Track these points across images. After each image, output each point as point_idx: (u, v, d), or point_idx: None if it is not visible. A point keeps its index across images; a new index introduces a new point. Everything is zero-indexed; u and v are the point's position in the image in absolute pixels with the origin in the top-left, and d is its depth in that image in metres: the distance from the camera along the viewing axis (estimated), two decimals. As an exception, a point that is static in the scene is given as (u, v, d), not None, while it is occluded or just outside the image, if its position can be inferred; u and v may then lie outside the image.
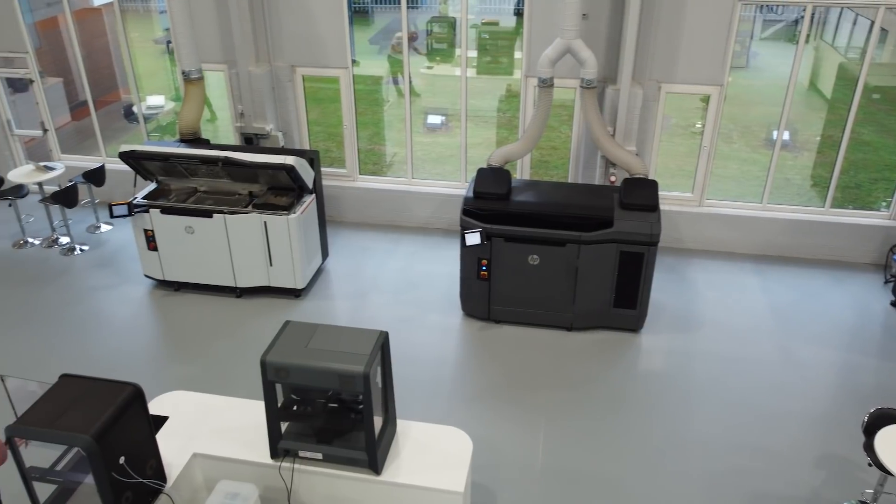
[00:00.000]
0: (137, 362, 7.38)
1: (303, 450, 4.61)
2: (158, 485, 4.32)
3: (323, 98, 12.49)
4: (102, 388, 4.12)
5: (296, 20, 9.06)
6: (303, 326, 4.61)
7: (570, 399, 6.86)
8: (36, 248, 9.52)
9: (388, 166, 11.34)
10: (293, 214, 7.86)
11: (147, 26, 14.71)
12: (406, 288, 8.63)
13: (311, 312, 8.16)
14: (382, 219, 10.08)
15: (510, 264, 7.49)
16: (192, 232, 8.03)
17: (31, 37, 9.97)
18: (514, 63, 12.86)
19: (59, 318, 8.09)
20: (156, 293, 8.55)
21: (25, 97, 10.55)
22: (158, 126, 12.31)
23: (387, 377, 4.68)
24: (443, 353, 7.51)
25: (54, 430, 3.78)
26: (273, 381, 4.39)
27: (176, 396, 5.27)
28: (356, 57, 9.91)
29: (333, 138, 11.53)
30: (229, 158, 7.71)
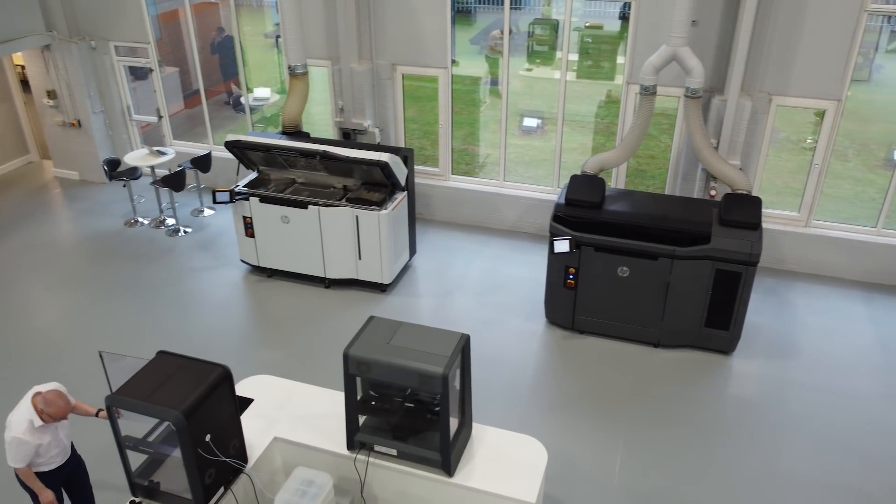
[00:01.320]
0: (228, 343, 7.69)
1: (378, 444, 4.66)
2: (240, 465, 4.47)
3: (421, 96, 12.62)
4: (195, 367, 4.31)
5: (399, 19, 9.18)
6: (386, 323, 4.66)
7: (652, 418, 6.63)
8: (145, 227, 10.10)
9: (481, 167, 11.32)
10: (384, 210, 7.97)
11: (259, 20, 15.30)
12: (490, 290, 8.60)
13: (395, 308, 8.26)
14: (471, 219, 10.09)
15: (599, 275, 7.32)
16: (287, 221, 8.29)
17: (153, 28, 10.57)
18: (616, 68, 12.55)
19: (160, 294, 8.55)
20: (250, 278, 8.89)
21: (145, 85, 11.20)
22: (263, 117, 12.79)
23: (465, 380, 4.67)
24: (523, 360, 7.42)
25: (148, 404, 3.98)
26: (354, 374, 4.46)
27: (261, 380, 5.45)
28: (456, 57, 9.94)
29: (428, 137, 11.62)
30: (327, 152, 7.90)
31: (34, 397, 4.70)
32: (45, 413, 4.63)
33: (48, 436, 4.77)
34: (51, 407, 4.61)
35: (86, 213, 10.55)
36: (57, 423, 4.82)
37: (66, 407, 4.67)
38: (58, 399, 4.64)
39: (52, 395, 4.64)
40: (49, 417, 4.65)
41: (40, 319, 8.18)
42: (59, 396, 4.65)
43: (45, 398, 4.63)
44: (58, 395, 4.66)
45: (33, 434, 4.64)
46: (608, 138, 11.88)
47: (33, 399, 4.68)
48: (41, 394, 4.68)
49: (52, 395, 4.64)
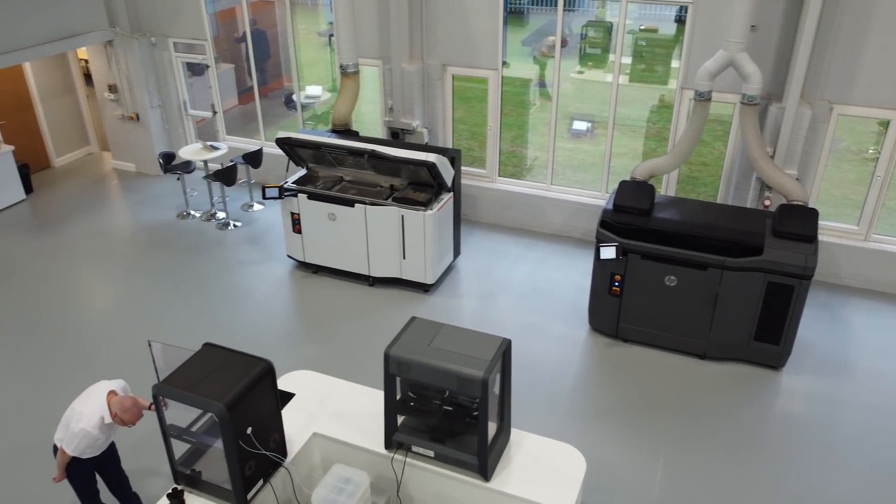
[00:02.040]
0: (272, 337, 7.81)
1: (416, 445, 4.66)
2: (279, 458, 4.53)
3: (470, 97, 12.60)
4: (239, 360, 4.38)
5: (451, 20, 9.19)
6: (428, 324, 4.66)
7: (696, 431, 6.48)
8: (196, 220, 10.34)
9: (528, 170, 11.25)
10: (430, 211, 7.99)
11: (313, 19, 15.51)
12: (533, 294, 8.53)
13: (437, 308, 8.26)
14: (517, 222, 10.03)
15: (645, 283, 7.19)
16: (334, 219, 8.38)
17: (210, 25, 10.81)
18: (671, 73, 12.32)
19: (208, 287, 8.73)
20: (296, 273, 9.01)
21: (201, 81, 11.47)
22: (314, 115, 12.96)
23: (505, 385, 4.63)
24: (564, 366, 7.34)
25: (193, 395, 4.06)
26: (394, 374, 4.47)
27: (303, 375, 5.51)
28: (507, 58, 9.90)
29: (476, 138, 11.60)
30: (375, 152, 7.95)
31: (109, 395, 4.86)
32: (118, 417, 4.80)
33: (108, 433, 4.96)
34: (127, 414, 4.79)
35: (141, 204, 10.86)
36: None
37: (139, 415, 4.84)
38: (134, 408, 4.82)
39: (130, 402, 4.82)
40: (121, 422, 4.82)
41: (94, 306, 8.45)
42: (135, 405, 4.84)
43: (123, 404, 4.80)
44: (134, 403, 4.85)
45: (101, 429, 4.83)
46: (659, 144, 11.67)
47: (108, 396, 4.84)
48: (118, 396, 4.85)
49: (130, 403, 4.81)
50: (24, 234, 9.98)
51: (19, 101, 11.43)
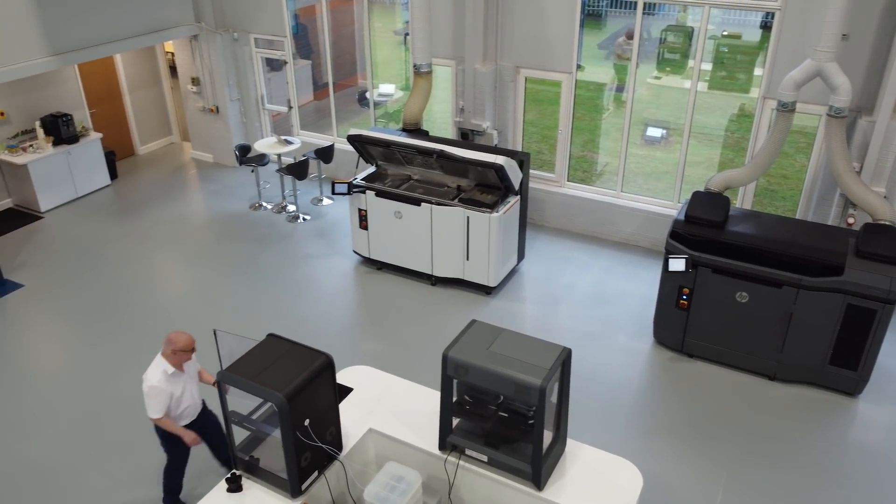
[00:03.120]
0: (333, 331, 7.93)
1: (470, 448, 4.64)
2: (335, 452, 4.59)
3: (542, 99, 12.48)
4: (300, 352, 4.46)
5: (527, 22, 9.11)
6: (488, 328, 4.63)
7: (761, 455, 6.22)
8: (268, 212, 10.61)
9: (598, 175, 11.06)
10: (496, 213, 7.95)
11: (390, 17, 15.68)
12: (597, 303, 8.38)
13: (498, 312, 8.22)
14: (584, 228, 9.87)
15: (715, 298, 6.95)
16: (400, 217, 8.44)
17: (290, 22, 11.07)
18: (753, 81, 11.88)
19: (275, 278, 8.95)
20: (360, 269, 9.13)
21: (278, 76, 11.76)
22: (386, 113, 13.10)
23: (563, 394, 4.56)
24: (626, 378, 7.18)
25: (254, 384, 4.15)
26: (451, 376, 4.46)
27: (362, 371, 5.57)
28: (582, 61, 9.75)
29: (547, 141, 11.48)
30: (444, 152, 7.97)
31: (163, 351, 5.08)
32: (173, 353, 5.00)
33: (180, 387, 5.16)
34: (175, 344, 4.99)
35: (216, 194, 11.22)
36: (187, 376, 5.21)
37: (189, 340, 5.03)
38: (180, 335, 5.02)
39: (174, 333, 5.04)
40: (175, 356, 5.01)
41: (167, 290, 8.78)
42: (180, 333, 5.04)
43: (169, 338, 5.03)
44: (179, 332, 5.05)
45: (167, 382, 5.03)
46: (737, 154, 11.28)
47: (163, 352, 5.08)
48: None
49: (174, 333, 5.04)
50: (107, 217, 10.47)
51: (110, 92, 11.99)
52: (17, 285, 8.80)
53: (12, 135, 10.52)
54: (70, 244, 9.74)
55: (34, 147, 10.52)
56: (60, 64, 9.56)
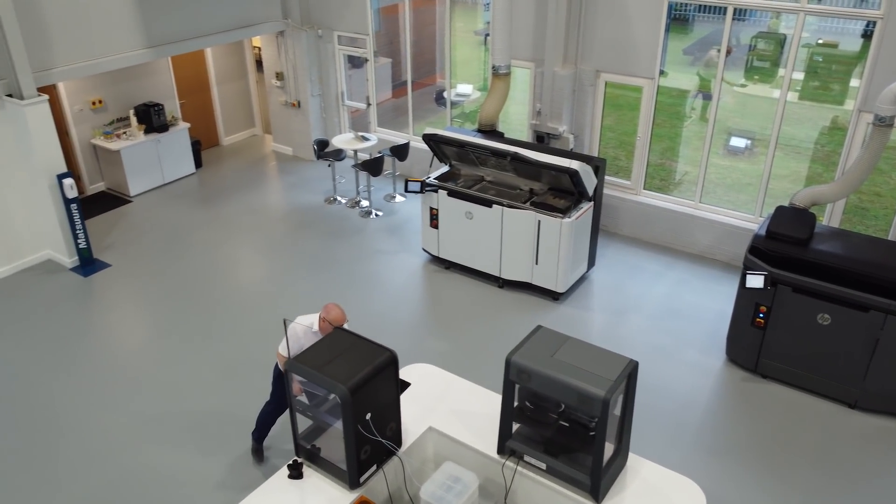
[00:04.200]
0: (399, 327, 8.01)
1: (528, 455, 4.60)
2: (394, 447, 4.63)
3: (622, 104, 12.24)
4: (365, 347, 4.52)
5: (610, 25, 8.96)
6: (553, 335, 4.57)
7: (835, 487, 5.91)
8: (341, 206, 10.82)
9: (676, 185, 10.76)
10: (568, 219, 7.85)
11: (471, 17, 15.71)
12: (668, 316, 8.15)
13: (565, 318, 8.11)
14: (658, 238, 9.63)
15: (794, 318, 6.65)
16: (471, 217, 8.45)
17: (373, 21, 11.24)
18: (848, 92, 11.30)
19: (345, 271, 9.11)
20: (428, 267, 9.19)
21: (359, 73, 11.97)
22: (462, 113, 13.14)
23: (627, 407, 4.46)
24: (694, 395, 6.96)
25: (320, 375, 4.23)
26: (514, 381, 4.43)
27: (424, 368, 5.60)
28: (665, 67, 9.50)
29: (624, 147, 11.25)
30: (518, 154, 7.92)
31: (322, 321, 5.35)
32: (322, 320, 5.28)
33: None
34: (327, 313, 5.26)
35: (294, 186, 11.52)
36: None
37: (339, 317, 5.26)
38: (334, 308, 5.30)
39: (331, 304, 5.34)
40: (325, 324, 5.25)
41: (242, 277, 9.07)
42: (335, 306, 5.32)
43: (326, 306, 5.32)
44: (335, 305, 5.33)
45: (304, 335, 5.34)
46: (827, 169, 10.76)
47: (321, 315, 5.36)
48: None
49: (330, 304, 5.33)
50: (191, 204, 10.91)
51: (199, 84, 12.49)
52: (105, 265, 9.28)
53: (108, 122, 11.11)
54: (155, 228, 10.21)
55: (127, 134, 11.07)
56: (156, 56, 10.02)
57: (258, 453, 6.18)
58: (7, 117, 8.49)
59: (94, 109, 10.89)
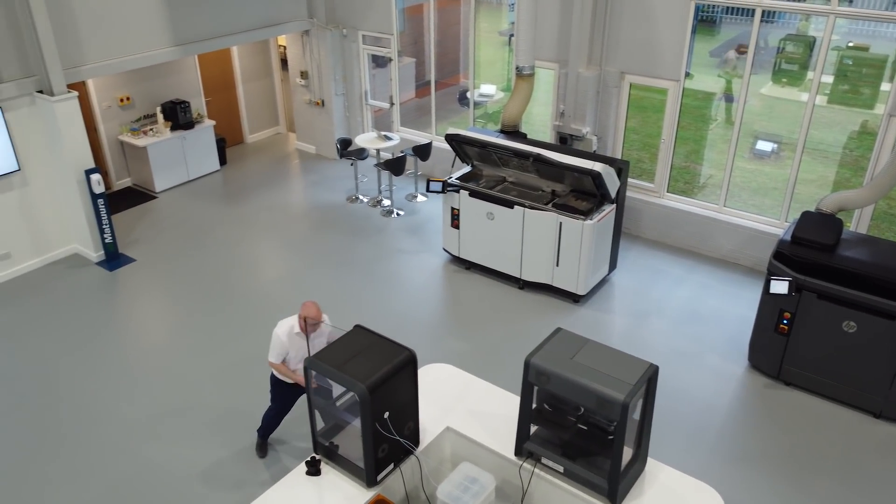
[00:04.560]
0: (418, 326, 8.03)
1: (546, 457, 4.58)
2: (411, 446, 4.64)
3: (646, 106, 12.15)
4: (384, 345, 4.53)
5: (635, 27, 8.89)
6: (573, 337, 4.55)
7: (859, 500, 5.82)
8: (363, 205, 10.87)
9: (700, 188, 10.65)
10: (590, 221, 7.81)
11: (496, 18, 15.69)
12: (690, 320, 8.08)
13: (585, 321, 8.07)
14: (681, 242, 9.54)
15: (819, 325, 6.55)
16: (492, 218, 8.44)
17: (398, 21, 11.27)
18: (878, 96, 11.12)
19: (365, 270, 9.15)
20: (449, 267, 9.19)
21: (382, 73, 12.01)
22: (485, 113, 13.12)
23: (647, 411, 4.42)
24: (714, 401, 6.89)
25: (339, 372, 4.26)
26: (533, 382, 4.41)
27: (443, 368, 5.60)
28: (691, 69, 9.41)
29: (648, 149, 11.17)
30: (540, 156, 7.90)
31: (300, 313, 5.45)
32: (301, 318, 5.37)
33: (295, 349, 5.54)
34: (303, 310, 5.36)
35: (316, 184, 11.59)
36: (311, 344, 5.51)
37: (313, 313, 5.35)
38: (310, 306, 5.38)
39: (309, 302, 5.41)
40: (303, 321, 5.36)
41: (264, 274, 9.15)
42: (312, 305, 5.39)
43: (303, 304, 5.39)
44: (312, 303, 5.41)
45: (289, 338, 5.48)
46: (855, 174, 10.59)
47: (299, 315, 5.45)
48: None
49: (309, 302, 5.40)
50: (215, 201, 11.03)
51: (225, 82, 12.61)
52: (130, 259, 9.42)
53: (135, 118, 11.26)
54: (179, 224, 10.33)
55: (154, 131, 11.21)
56: (183, 54, 10.14)
57: (262, 448, 6.29)
58: (37, 113, 8.65)
59: (122, 106, 11.05)
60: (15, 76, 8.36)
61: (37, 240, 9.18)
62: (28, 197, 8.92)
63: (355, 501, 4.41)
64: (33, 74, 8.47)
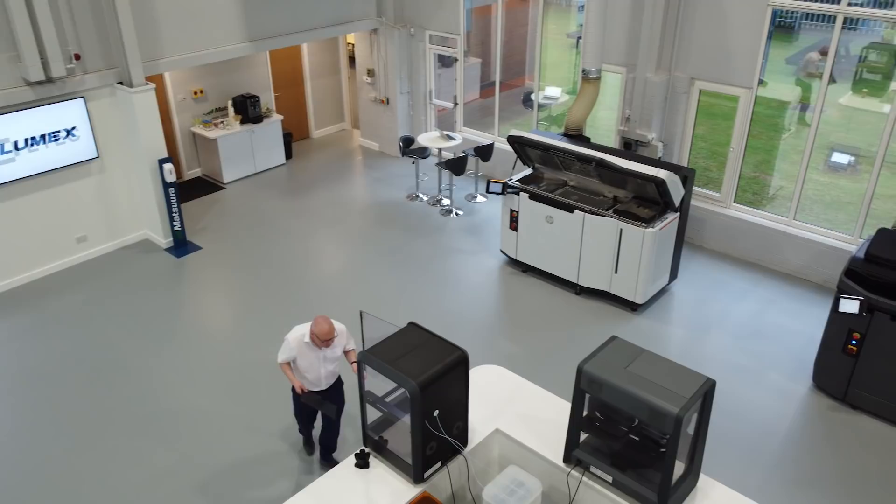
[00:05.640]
0: (471, 326, 8.03)
1: (595, 466, 4.52)
2: (459, 446, 4.64)
3: (716, 113, 11.82)
4: (437, 344, 4.55)
5: (708, 32, 8.67)
6: (628, 346, 4.47)
7: (926, 531, 5.53)
8: (423, 203, 10.94)
9: (769, 199, 10.30)
10: (651, 228, 7.66)
11: (565, 20, 15.54)
12: (752, 335, 7.83)
13: (642, 330, 7.92)
14: (747, 254, 9.25)
15: (890, 348, 6.25)
16: (551, 222, 8.37)
17: (465, 21, 11.30)
18: (968, 110, 10.50)
19: (422, 268, 9.20)
20: (505, 269, 9.16)
21: (448, 72, 12.06)
22: (549, 116, 13.02)
23: (702, 427, 4.31)
24: (775, 421, 6.66)
25: (391, 368, 4.30)
26: (584, 390, 4.36)
27: (494, 370, 5.59)
28: (765, 76, 9.11)
29: (716, 158, 10.87)
30: (603, 160, 7.79)
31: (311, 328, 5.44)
32: (312, 333, 5.36)
33: (306, 359, 5.53)
34: (315, 326, 5.35)
35: (378, 181, 11.73)
36: (322, 354, 5.53)
37: (328, 330, 5.34)
38: (323, 322, 5.35)
39: (320, 317, 5.39)
40: (314, 336, 5.36)
41: (323, 267, 9.32)
42: (325, 320, 5.37)
43: (315, 319, 5.39)
44: (324, 318, 5.38)
45: (297, 344, 5.46)
46: (939, 191, 10.04)
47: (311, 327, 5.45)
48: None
49: (319, 318, 5.38)
50: (279, 193, 11.29)
51: (294, 78, 12.90)
52: (196, 247, 9.74)
53: (208, 111, 11.63)
54: (245, 215, 10.62)
55: (224, 124, 11.56)
56: (256, 50, 10.42)
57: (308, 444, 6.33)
58: (117, 103, 9.03)
59: (196, 99, 11.43)
60: (98, 68, 8.75)
61: (111, 224, 9.59)
62: (105, 183, 9.32)
63: (401, 496, 4.45)
64: (115, 66, 8.85)
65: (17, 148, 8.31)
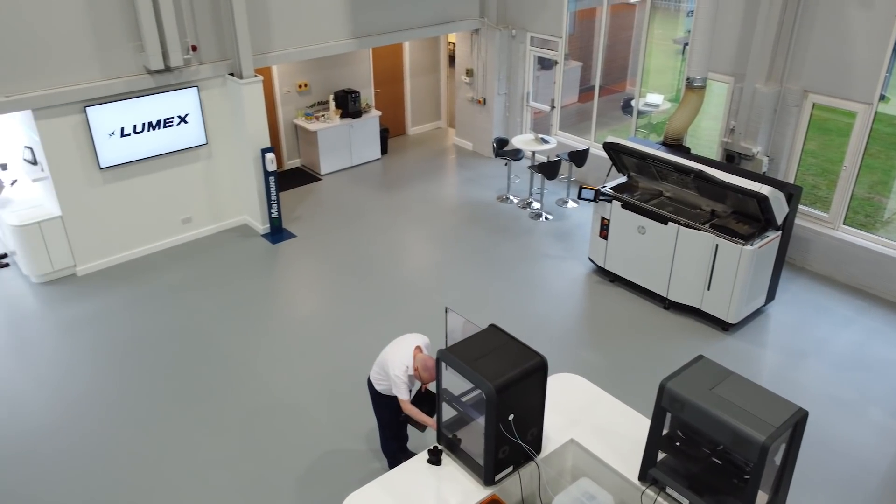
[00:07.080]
0: (553, 332, 7.94)
1: (671, 487, 4.38)
2: (532, 452, 4.61)
3: (830, 129, 11.18)
4: (517, 348, 4.53)
5: (826, 42, 8.20)
6: (716, 367, 4.31)
7: None
8: (513, 205, 10.90)
9: (883, 223, 9.66)
10: (750, 246, 7.33)
11: (672, 25, 15.10)
12: (853, 366, 7.36)
13: (732, 352, 7.60)
14: (853, 280, 8.70)
15: None
16: (643, 232, 8.16)
17: (568, 23, 11.17)
18: None
19: (508, 270, 9.18)
20: (592, 277, 9.00)
21: (546, 75, 11.96)
22: (648, 123, 12.69)
23: (790, 458, 4.09)
24: (874, 460, 6.23)
25: (469, 369, 4.31)
26: (666, 408, 4.23)
27: (573, 379, 5.51)
28: (887, 92, 8.53)
29: (826, 176, 10.29)
30: (703, 173, 7.52)
31: (416, 349, 5.32)
32: (418, 372, 5.26)
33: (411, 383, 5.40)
34: (426, 373, 5.22)
35: (469, 181, 11.79)
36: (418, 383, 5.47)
37: (428, 377, 5.22)
38: (433, 365, 5.14)
39: (433, 363, 5.15)
40: (419, 373, 5.26)
41: (410, 262, 9.45)
42: (433, 362, 5.13)
43: (426, 363, 5.22)
44: (432, 359, 5.15)
45: (407, 377, 5.30)
46: None
47: (415, 351, 5.32)
48: (423, 354, 5.30)
49: (432, 364, 5.16)
50: (373, 188, 11.54)
51: (394, 75, 13.14)
52: (291, 235, 10.10)
53: (310, 104, 12.03)
54: (339, 206, 10.92)
55: (325, 117, 11.92)
56: (360, 46, 10.69)
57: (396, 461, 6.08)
58: (227, 93, 9.49)
59: (300, 92, 11.85)
60: (212, 59, 9.22)
61: (214, 208, 10.09)
62: (211, 168, 9.81)
63: (471, 497, 4.46)
64: (227, 58, 9.30)
65: (136, 132, 8.88)
